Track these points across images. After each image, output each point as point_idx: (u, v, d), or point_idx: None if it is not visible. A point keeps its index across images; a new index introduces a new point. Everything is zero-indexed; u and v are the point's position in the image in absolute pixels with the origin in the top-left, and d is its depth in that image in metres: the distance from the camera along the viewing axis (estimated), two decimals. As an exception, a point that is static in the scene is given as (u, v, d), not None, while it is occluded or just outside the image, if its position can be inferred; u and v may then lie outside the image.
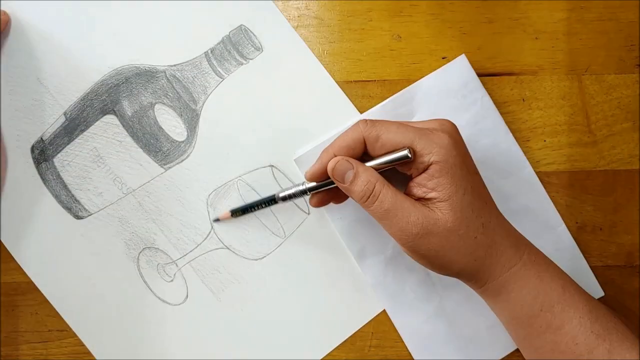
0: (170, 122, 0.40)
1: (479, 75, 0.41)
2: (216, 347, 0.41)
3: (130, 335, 0.41)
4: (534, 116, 0.42)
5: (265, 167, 0.41)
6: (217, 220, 0.41)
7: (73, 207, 0.41)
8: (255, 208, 0.39)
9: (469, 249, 0.32)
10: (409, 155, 0.31)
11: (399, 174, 0.34)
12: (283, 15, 0.41)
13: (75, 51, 0.40)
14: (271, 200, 0.38)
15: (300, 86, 0.41)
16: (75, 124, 0.40)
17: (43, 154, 0.41)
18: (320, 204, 0.37)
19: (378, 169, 0.33)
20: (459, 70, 0.41)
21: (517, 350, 0.41)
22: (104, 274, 0.41)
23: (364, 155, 0.34)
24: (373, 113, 0.41)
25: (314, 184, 0.36)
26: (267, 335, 0.41)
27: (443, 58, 0.41)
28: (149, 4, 0.40)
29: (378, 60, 0.41)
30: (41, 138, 0.41)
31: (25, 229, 0.41)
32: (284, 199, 0.37)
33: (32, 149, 0.41)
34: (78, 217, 0.41)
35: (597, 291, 0.42)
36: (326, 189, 0.36)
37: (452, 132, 0.34)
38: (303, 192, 0.36)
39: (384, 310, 0.42)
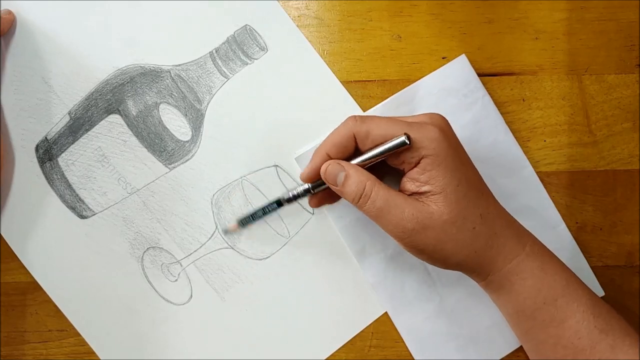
0: (175, 122, 0.40)
1: (479, 75, 0.41)
2: (220, 346, 0.41)
3: (133, 334, 0.41)
4: (534, 116, 0.42)
5: (269, 167, 0.41)
6: (226, 232, 0.41)
7: (77, 206, 0.41)
8: (262, 214, 0.39)
9: (468, 240, 0.32)
10: (407, 142, 0.31)
11: (391, 172, 0.35)
12: (286, 14, 0.41)
13: (80, 51, 0.40)
14: (277, 204, 0.38)
15: (305, 86, 0.41)
16: (79, 124, 0.40)
17: (47, 153, 0.41)
18: (320, 203, 0.37)
19: (376, 160, 0.33)
20: (459, 70, 0.41)
21: (517, 350, 0.41)
22: (108, 274, 0.41)
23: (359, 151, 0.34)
24: (374, 112, 0.41)
25: (317, 182, 0.36)
26: (270, 335, 0.41)
27: (443, 58, 0.41)
28: (153, 4, 0.40)
29: (378, 60, 0.41)
30: (45, 137, 0.41)
31: (29, 228, 0.41)
32: (290, 200, 0.37)
33: (37, 148, 0.41)
34: (82, 217, 0.41)
35: (598, 291, 0.42)
36: (323, 188, 0.36)
37: (442, 124, 0.33)
38: (307, 191, 0.36)
39: (385, 311, 0.41)
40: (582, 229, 0.42)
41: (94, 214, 0.41)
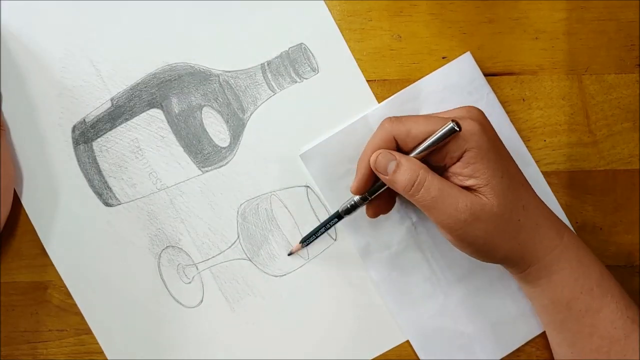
0: (215, 127, 0.40)
1: (479, 74, 0.41)
2: (222, 355, 0.41)
3: (140, 332, 0.41)
4: (534, 116, 0.42)
5: (300, 187, 0.41)
6: (290, 254, 0.41)
7: (104, 193, 0.41)
8: (325, 230, 0.39)
9: (513, 232, 0.33)
10: (457, 128, 0.31)
11: (430, 167, 0.34)
12: (343, 39, 0.41)
13: (133, 40, 0.40)
14: (337, 217, 0.38)
15: (349, 113, 0.41)
16: (120, 112, 0.40)
17: (83, 135, 0.41)
18: (376, 213, 0.38)
19: (426, 153, 0.33)
20: (464, 68, 0.41)
21: (517, 350, 0.41)
22: (123, 265, 0.41)
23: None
24: (379, 110, 0.41)
25: (371, 189, 0.36)
26: (275, 353, 0.41)
27: (443, 58, 0.41)
28: (215, 6, 0.40)
29: (378, 60, 0.41)
30: (84, 120, 0.41)
31: (51, 207, 0.41)
32: (348, 211, 0.37)
33: (73, 129, 0.41)
34: (107, 204, 0.41)
35: None
36: (378, 193, 0.36)
37: (480, 118, 0.34)
38: (364, 200, 0.37)
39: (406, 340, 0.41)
40: (581, 228, 0.42)
41: (119, 204, 0.41)
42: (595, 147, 0.42)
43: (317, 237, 0.40)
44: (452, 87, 0.41)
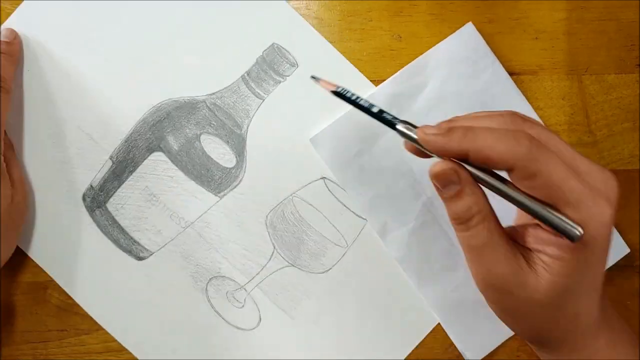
0: (218, 150, 0.40)
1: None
2: (296, 364, 0.41)
3: (211, 366, 0.41)
4: (534, 116, 0.42)
5: (317, 180, 0.41)
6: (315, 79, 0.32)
7: (133, 249, 0.41)
8: (363, 109, 0.29)
9: (551, 321, 0.28)
10: (574, 239, 0.24)
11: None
12: (312, 27, 0.41)
13: (113, 95, 0.41)
14: (389, 122, 0.28)
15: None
16: (123, 167, 0.40)
17: (95, 200, 0.41)
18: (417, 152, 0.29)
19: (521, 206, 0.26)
20: (467, 37, 0.41)
21: (517, 350, 0.41)
22: (174, 311, 0.41)
23: None
24: (385, 87, 0.41)
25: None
26: (343, 346, 0.41)
27: None
28: (178, 38, 0.41)
29: (378, 60, 0.42)
30: (91, 185, 0.41)
31: (90, 279, 0.41)
32: (403, 135, 0.28)
33: (84, 198, 0.41)
34: (140, 258, 0.41)
35: (622, 248, 0.41)
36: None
37: (615, 201, 0.25)
38: (403, 135, 0.28)
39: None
40: (582, 228, 0.42)
41: (151, 254, 0.41)
42: (595, 147, 0.42)
43: (345, 98, 0.30)
44: (457, 58, 0.41)
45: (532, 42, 0.42)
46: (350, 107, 0.30)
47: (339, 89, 0.30)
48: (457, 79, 0.41)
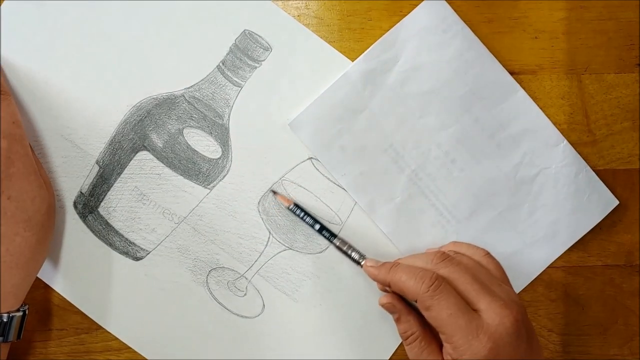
0: (202, 143, 0.40)
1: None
2: (303, 347, 0.41)
3: (216, 358, 0.41)
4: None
5: (304, 161, 0.41)
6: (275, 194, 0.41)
7: (130, 250, 0.41)
8: (311, 222, 0.40)
9: None
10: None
11: None
12: (282, 11, 0.41)
13: (90, 99, 0.40)
14: (332, 236, 0.40)
15: (316, 71, 0.41)
16: (110, 170, 0.40)
17: (87, 206, 0.41)
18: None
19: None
20: (434, 8, 0.41)
21: None
22: (177, 306, 0.41)
23: None
24: (358, 64, 0.40)
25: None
26: (349, 323, 0.41)
27: None
28: (150, 35, 0.40)
29: None
30: (80, 192, 0.41)
31: (89, 285, 0.41)
32: (349, 256, 0.40)
33: (75, 205, 0.41)
34: (137, 259, 0.41)
35: (611, 201, 0.42)
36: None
37: (506, 335, 0.31)
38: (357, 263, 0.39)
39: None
40: (582, 228, 0.42)
41: (148, 253, 0.41)
42: (594, 147, 0.42)
43: (302, 214, 0.40)
44: (426, 29, 0.41)
45: (532, 42, 0.42)
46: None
47: (290, 207, 0.40)
48: (428, 49, 0.41)
